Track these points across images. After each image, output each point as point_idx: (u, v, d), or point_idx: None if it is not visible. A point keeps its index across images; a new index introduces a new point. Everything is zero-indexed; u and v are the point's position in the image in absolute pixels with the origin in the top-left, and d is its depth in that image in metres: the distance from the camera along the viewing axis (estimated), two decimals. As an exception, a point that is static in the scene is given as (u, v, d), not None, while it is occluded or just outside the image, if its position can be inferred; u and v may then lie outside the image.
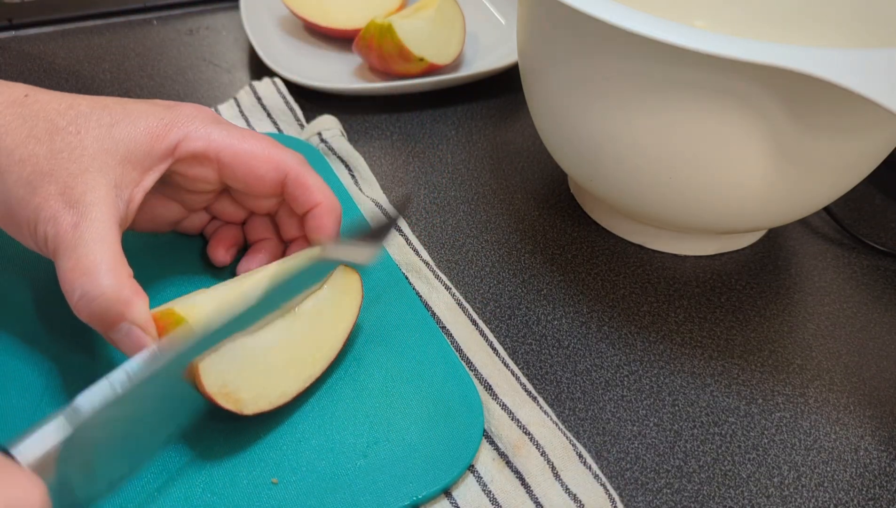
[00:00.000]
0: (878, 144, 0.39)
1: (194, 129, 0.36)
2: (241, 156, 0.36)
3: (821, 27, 0.50)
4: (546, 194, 0.51)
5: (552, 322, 0.43)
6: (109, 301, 0.31)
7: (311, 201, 0.37)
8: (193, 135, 0.35)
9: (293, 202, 0.38)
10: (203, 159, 0.36)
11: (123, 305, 0.31)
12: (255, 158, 0.36)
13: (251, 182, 0.37)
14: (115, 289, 0.31)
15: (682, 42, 0.33)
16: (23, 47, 0.61)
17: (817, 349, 0.43)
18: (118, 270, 0.32)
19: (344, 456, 0.34)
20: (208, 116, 0.37)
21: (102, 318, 0.31)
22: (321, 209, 0.38)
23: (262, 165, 0.37)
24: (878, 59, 0.32)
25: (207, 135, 0.36)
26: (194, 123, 0.36)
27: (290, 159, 0.37)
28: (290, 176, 0.37)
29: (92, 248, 0.31)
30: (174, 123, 0.35)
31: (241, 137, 0.36)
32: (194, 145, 0.35)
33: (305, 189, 0.37)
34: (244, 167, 0.36)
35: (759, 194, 0.39)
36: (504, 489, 0.34)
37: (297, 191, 0.37)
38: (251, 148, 0.36)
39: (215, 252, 0.41)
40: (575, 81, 0.40)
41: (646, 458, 0.37)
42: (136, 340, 0.32)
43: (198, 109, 0.37)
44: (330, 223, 0.38)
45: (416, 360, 0.38)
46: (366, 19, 0.58)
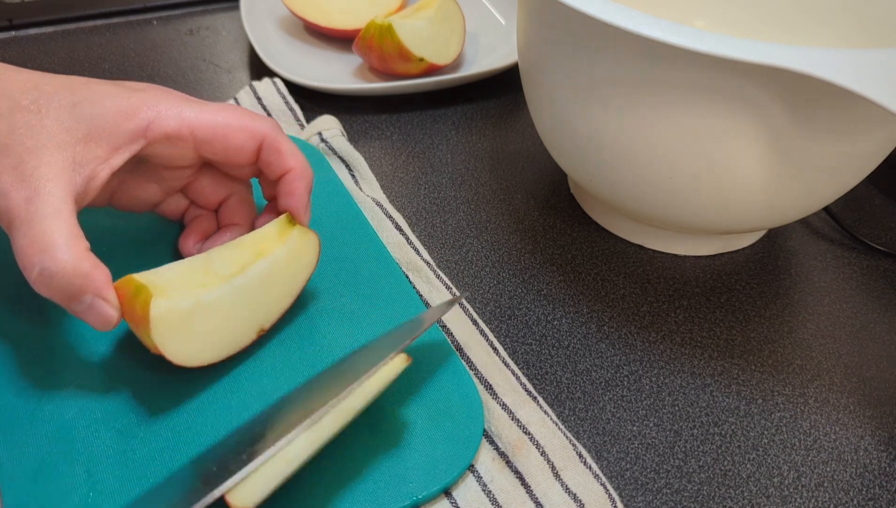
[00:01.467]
0: (878, 144, 0.39)
1: (165, 108, 0.35)
2: (217, 129, 0.36)
3: (821, 27, 0.50)
4: (546, 194, 0.51)
5: (552, 322, 0.43)
6: (69, 275, 0.31)
7: (284, 165, 0.38)
8: (165, 114, 0.35)
9: (267, 168, 0.38)
10: (177, 139, 0.36)
11: (83, 278, 0.32)
12: (231, 129, 0.37)
13: (231, 153, 0.37)
14: (73, 263, 0.31)
15: (683, 42, 0.33)
16: (23, 47, 0.61)
17: (817, 349, 0.43)
18: (75, 244, 0.32)
19: (344, 456, 0.34)
20: (176, 95, 0.37)
21: (64, 292, 0.32)
22: (294, 174, 0.38)
23: (238, 135, 0.37)
24: (878, 60, 0.32)
25: (179, 113, 0.36)
26: (164, 103, 0.36)
27: (264, 126, 0.37)
28: (266, 142, 0.37)
29: (47, 224, 0.31)
30: (144, 103, 0.35)
31: (213, 111, 0.37)
32: (167, 125, 0.35)
33: (279, 154, 0.37)
34: (221, 140, 0.36)
35: (759, 193, 0.39)
36: (504, 489, 0.34)
37: (272, 156, 0.38)
38: (225, 119, 0.36)
39: (185, 243, 0.41)
40: (575, 81, 0.40)
41: (646, 458, 0.37)
42: (98, 311, 0.32)
43: (165, 91, 0.37)
44: (301, 188, 0.38)
45: (416, 360, 0.38)
46: (366, 19, 0.58)
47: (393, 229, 0.46)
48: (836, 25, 0.49)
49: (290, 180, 0.38)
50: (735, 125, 0.36)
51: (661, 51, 0.34)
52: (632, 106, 0.38)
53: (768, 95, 0.35)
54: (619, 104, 0.38)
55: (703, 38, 0.33)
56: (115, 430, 0.34)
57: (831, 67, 0.31)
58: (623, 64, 0.37)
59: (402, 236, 0.45)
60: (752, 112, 0.35)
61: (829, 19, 0.49)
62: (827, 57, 0.31)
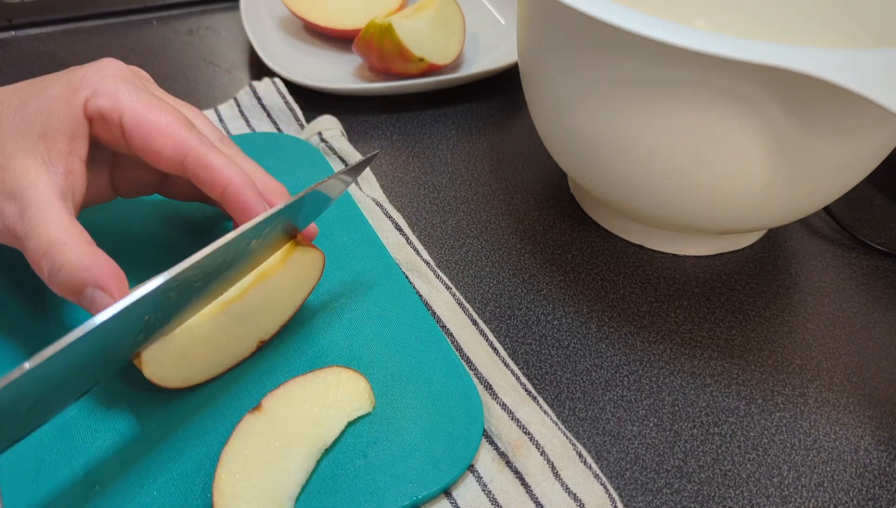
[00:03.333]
0: (878, 144, 0.39)
1: (103, 86, 0.34)
2: (142, 124, 0.34)
3: (820, 27, 0.50)
4: (546, 194, 0.51)
5: (552, 322, 0.43)
6: (71, 270, 0.31)
7: (219, 181, 0.34)
8: (101, 92, 0.33)
9: (200, 185, 0.35)
10: (108, 120, 0.34)
11: (84, 271, 0.31)
12: (156, 131, 0.34)
13: (149, 156, 0.34)
14: (73, 257, 0.31)
15: (683, 42, 0.33)
16: (23, 47, 0.61)
17: (817, 349, 0.43)
18: (73, 240, 0.32)
19: (343, 456, 0.34)
20: (122, 73, 0.35)
21: (70, 288, 0.32)
22: (233, 189, 0.34)
23: (160, 140, 0.34)
24: (878, 60, 0.32)
25: (116, 94, 0.34)
26: (104, 81, 0.34)
27: (193, 139, 0.34)
28: (191, 156, 0.34)
29: (42, 228, 0.31)
30: (82, 81, 0.34)
31: (147, 105, 0.34)
32: (100, 103, 0.33)
33: (208, 170, 0.34)
34: (142, 138, 0.34)
35: (759, 193, 0.39)
36: (504, 489, 0.34)
37: (201, 172, 0.34)
38: (154, 118, 0.34)
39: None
40: (574, 80, 0.40)
41: (646, 458, 0.37)
42: (99, 303, 0.31)
43: (112, 65, 0.35)
44: (249, 198, 0.34)
45: (416, 360, 0.38)
46: (366, 19, 0.58)
47: (393, 229, 0.46)
48: (836, 25, 0.49)
49: (232, 196, 0.34)
50: (735, 125, 0.36)
51: (661, 51, 0.34)
52: (632, 106, 0.38)
53: (768, 95, 0.35)
54: (619, 104, 0.38)
55: (703, 38, 0.33)
56: (115, 430, 0.34)
57: (831, 67, 0.31)
58: (623, 64, 0.37)
59: (402, 236, 0.45)
60: (752, 112, 0.35)
61: (829, 19, 0.49)
62: (827, 57, 0.31)
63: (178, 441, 0.34)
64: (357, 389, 0.36)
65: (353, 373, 0.36)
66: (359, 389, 0.36)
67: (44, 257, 0.31)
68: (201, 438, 0.34)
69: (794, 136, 0.36)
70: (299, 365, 0.37)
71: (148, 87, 0.37)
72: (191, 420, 0.35)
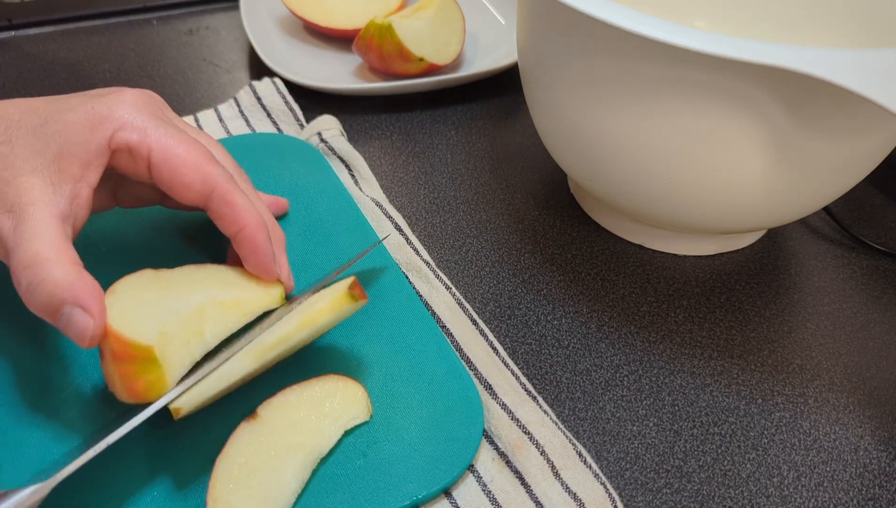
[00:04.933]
0: (878, 144, 0.39)
1: (130, 119, 0.34)
2: (170, 160, 0.34)
3: (821, 28, 0.50)
4: (546, 194, 0.51)
5: (552, 322, 0.43)
6: (50, 287, 0.31)
7: (237, 221, 0.35)
8: (129, 125, 0.34)
9: (219, 221, 0.36)
10: (136, 154, 0.34)
11: (63, 289, 0.31)
12: (184, 166, 0.34)
13: (176, 189, 0.35)
14: (55, 274, 0.31)
15: (683, 42, 0.33)
16: (23, 47, 0.61)
17: (817, 349, 0.43)
18: (59, 259, 0.31)
19: (343, 456, 0.34)
20: (148, 105, 0.35)
21: (47, 306, 0.31)
22: (249, 231, 0.35)
23: (189, 175, 0.34)
24: (878, 60, 0.32)
25: (144, 127, 0.34)
26: (131, 114, 0.34)
27: (221, 175, 0.35)
28: (217, 193, 0.35)
29: (32, 243, 0.31)
30: (109, 112, 0.34)
31: (176, 139, 0.35)
32: (129, 137, 0.34)
33: (231, 208, 0.35)
34: (171, 173, 0.34)
35: (758, 194, 0.39)
36: (504, 488, 0.34)
37: (224, 209, 0.35)
38: (183, 154, 0.34)
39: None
40: (574, 80, 0.40)
41: (646, 458, 0.37)
42: (75, 324, 0.31)
43: (136, 97, 0.35)
44: (261, 241, 0.36)
45: (416, 360, 0.38)
46: (366, 19, 0.58)
47: (392, 229, 0.46)
48: (836, 25, 0.49)
49: (246, 237, 0.36)
50: (735, 125, 0.36)
51: (661, 51, 0.34)
52: (632, 106, 0.38)
53: (768, 95, 0.35)
54: (619, 104, 0.38)
55: (703, 38, 0.33)
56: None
57: (831, 67, 0.31)
58: (623, 64, 0.37)
59: (402, 236, 0.45)
60: (752, 112, 0.35)
61: (829, 19, 0.49)
62: (827, 57, 0.31)
63: (175, 448, 0.34)
64: (354, 397, 0.35)
65: (351, 381, 0.36)
66: (356, 397, 0.35)
67: (25, 269, 0.31)
68: (197, 446, 0.34)
69: (794, 136, 0.36)
70: (298, 366, 0.37)
71: (167, 114, 0.37)
72: (187, 428, 0.35)
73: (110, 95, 0.35)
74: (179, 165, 0.34)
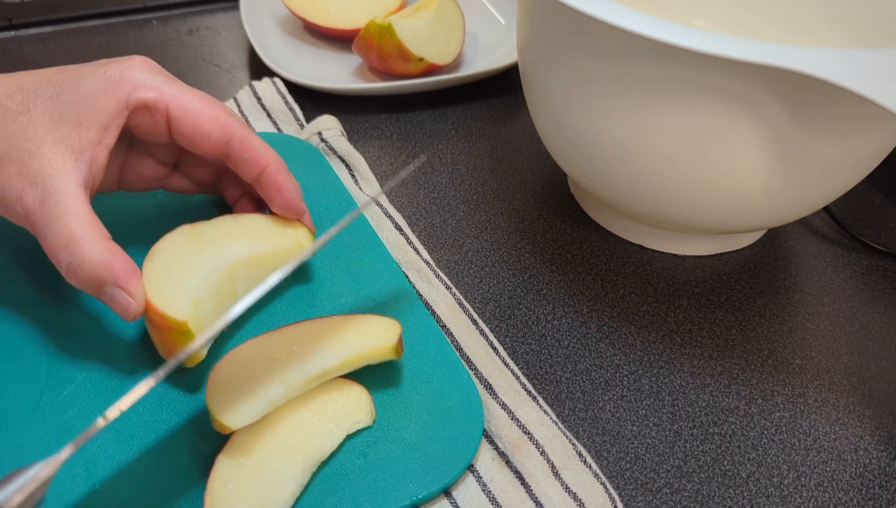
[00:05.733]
0: (878, 144, 0.39)
1: (143, 79, 0.35)
2: (189, 112, 0.36)
3: (821, 27, 0.50)
4: (546, 194, 0.51)
5: (552, 322, 0.43)
6: (91, 267, 0.33)
7: (259, 161, 0.37)
8: (144, 85, 0.35)
9: (241, 165, 0.38)
10: (154, 110, 0.36)
11: (103, 269, 0.33)
12: (203, 116, 0.36)
13: (196, 139, 0.37)
14: (94, 254, 0.33)
15: (683, 42, 0.33)
16: (23, 47, 0.61)
17: (817, 349, 0.43)
18: (94, 235, 0.33)
19: (343, 456, 0.34)
20: (154, 67, 0.37)
21: (89, 283, 0.33)
22: (273, 168, 0.37)
23: (207, 123, 0.36)
24: (878, 60, 0.32)
25: (158, 86, 0.36)
26: (143, 74, 0.36)
27: (236, 123, 0.37)
28: (236, 138, 0.37)
29: (65, 220, 0.33)
30: (122, 76, 0.35)
31: (189, 93, 0.36)
32: (145, 95, 0.35)
33: (252, 150, 0.37)
34: (190, 124, 0.36)
35: (759, 193, 0.39)
36: (504, 488, 0.34)
37: (245, 153, 0.37)
38: (199, 105, 0.36)
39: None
40: (574, 80, 0.40)
41: (645, 458, 0.37)
42: (119, 302, 0.33)
43: (144, 62, 0.37)
44: (287, 180, 0.38)
45: (416, 360, 0.38)
46: (366, 19, 0.58)
47: (393, 229, 0.46)
48: (836, 25, 0.49)
49: (270, 175, 0.38)
50: (735, 125, 0.36)
51: (661, 51, 0.34)
52: (632, 106, 0.38)
53: (768, 95, 0.35)
54: (619, 104, 0.38)
55: (704, 38, 0.33)
56: (115, 430, 0.34)
57: (831, 66, 0.31)
58: (623, 64, 0.37)
59: (402, 235, 0.45)
60: (752, 112, 0.35)
61: (829, 19, 0.49)
62: (827, 57, 0.31)
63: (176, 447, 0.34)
64: (358, 401, 0.35)
65: (356, 385, 0.36)
66: (360, 401, 0.35)
67: (63, 249, 0.33)
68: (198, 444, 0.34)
69: (794, 136, 0.36)
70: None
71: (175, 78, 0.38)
72: (189, 425, 0.35)
73: (120, 62, 0.36)
74: (198, 116, 0.36)
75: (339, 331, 0.36)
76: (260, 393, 0.33)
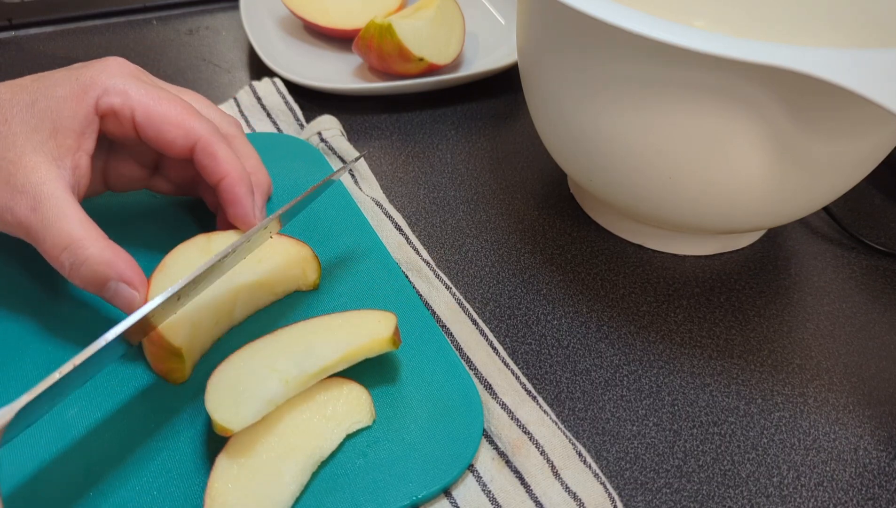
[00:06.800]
0: (878, 144, 0.39)
1: (112, 84, 0.35)
2: (153, 118, 0.36)
3: (821, 27, 0.50)
4: (546, 194, 0.51)
5: (552, 322, 0.43)
6: (96, 264, 0.33)
7: (218, 171, 0.37)
8: (112, 90, 0.35)
9: (203, 172, 0.38)
10: (120, 116, 0.36)
11: (106, 266, 0.33)
12: (167, 123, 0.36)
13: (161, 146, 0.37)
14: (95, 253, 0.33)
15: (682, 42, 0.33)
16: (23, 47, 0.61)
17: (817, 348, 0.43)
18: (91, 236, 0.33)
19: (343, 456, 0.34)
20: (129, 70, 0.37)
21: (92, 281, 0.34)
22: (230, 180, 0.37)
23: (171, 130, 0.36)
24: (878, 60, 0.32)
25: (126, 91, 0.36)
26: (113, 79, 0.36)
27: (203, 128, 0.37)
28: (199, 145, 0.37)
29: (61, 225, 0.33)
30: (92, 80, 0.35)
31: (157, 99, 0.36)
32: (112, 100, 0.35)
33: (213, 159, 0.37)
34: (154, 129, 0.36)
35: (758, 193, 0.39)
36: (504, 488, 0.34)
37: (206, 160, 0.37)
38: (164, 111, 0.36)
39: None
40: (574, 81, 0.40)
41: (645, 458, 0.37)
42: (123, 296, 0.34)
43: (118, 64, 0.37)
44: (240, 193, 0.37)
45: (416, 360, 0.38)
46: (366, 19, 0.58)
47: (392, 229, 0.46)
48: (836, 25, 0.49)
49: (226, 187, 0.37)
50: (735, 125, 0.36)
51: (661, 51, 0.34)
52: (631, 106, 0.38)
53: (768, 95, 0.35)
54: (618, 104, 0.38)
55: (704, 38, 0.33)
56: (115, 430, 0.34)
57: (831, 66, 0.31)
58: (623, 64, 0.37)
59: (402, 235, 0.45)
60: (752, 112, 0.35)
61: (829, 19, 0.49)
62: (827, 57, 0.31)
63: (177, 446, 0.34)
64: (358, 401, 0.35)
65: (356, 385, 0.36)
66: (360, 402, 0.35)
67: (64, 251, 0.33)
68: (199, 444, 0.34)
69: (795, 136, 0.36)
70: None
71: (150, 78, 0.38)
72: (190, 425, 0.35)
73: (93, 65, 0.36)
74: (162, 123, 0.36)
75: (335, 327, 0.36)
76: (259, 394, 0.33)
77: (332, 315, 0.37)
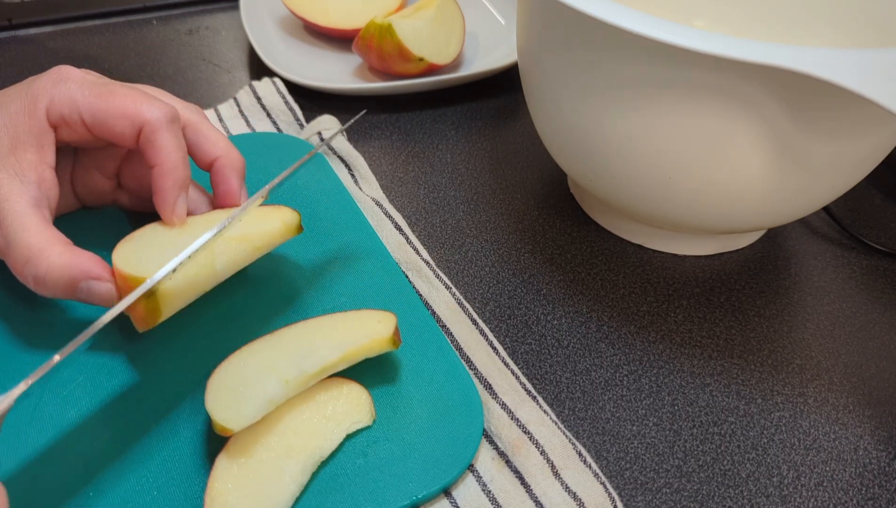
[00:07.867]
0: (878, 144, 0.39)
1: (57, 92, 0.35)
2: (98, 115, 0.35)
3: (821, 27, 0.50)
4: (546, 194, 0.51)
5: (552, 322, 0.43)
6: (59, 271, 0.33)
7: (152, 159, 0.36)
8: (57, 98, 0.35)
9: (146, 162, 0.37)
10: (71, 122, 0.36)
11: (69, 269, 0.33)
12: (113, 116, 0.35)
13: (115, 140, 0.36)
14: (55, 261, 0.33)
15: (683, 42, 0.33)
16: (23, 47, 0.61)
17: (817, 348, 0.43)
18: (52, 244, 0.33)
19: (343, 456, 0.34)
20: (75, 76, 0.36)
21: (61, 289, 0.33)
22: (160, 170, 0.36)
23: (118, 122, 0.36)
24: (878, 60, 0.32)
25: (71, 96, 0.35)
26: (57, 88, 0.35)
27: (150, 113, 0.36)
28: (143, 133, 0.36)
29: (21, 239, 0.33)
30: (39, 92, 0.35)
31: (102, 95, 0.36)
32: (60, 109, 0.35)
33: (151, 147, 0.36)
34: (103, 127, 0.36)
35: (758, 194, 0.39)
36: (504, 488, 0.34)
37: (145, 148, 0.36)
38: (109, 105, 0.35)
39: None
40: (574, 80, 0.40)
41: (645, 457, 0.37)
42: (98, 293, 0.33)
43: (65, 72, 0.36)
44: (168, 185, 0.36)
45: (416, 360, 0.38)
46: (366, 19, 0.58)
47: (392, 229, 0.46)
48: (837, 25, 0.49)
49: (156, 176, 0.36)
50: (735, 125, 0.36)
51: (661, 51, 0.34)
52: (632, 106, 0.38)
53: (768, 95, 0.35)
54: (619, 104, 0.38)
55: (704, 38, 0.33)
56: (115, 430, 0.34)
57: (831, 66, 0.31)
58: (623, 64, 0.37)
59: (402, 235, 0.45)
60: (752, 112, 0.35)
61: (829, 19, 0.49)
62: (827, 57, 0.31)
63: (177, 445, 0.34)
64: (358, 401, 0.35)
65: (356, 385, 0.36)
66: (360, 401, 0.35)
67: (26, 265, 0.33)
68: (198, 444, 0.34)
69: (795, 136, 0.36)
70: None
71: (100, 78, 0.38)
72: (189, 426, 0.35)
73: (41, 77, 0.36)
74: (107, 117, 0.36)
75: (335, 327, 0.36)
76: (259, 394, 0.33)
77: (332, 315, 0.37)
